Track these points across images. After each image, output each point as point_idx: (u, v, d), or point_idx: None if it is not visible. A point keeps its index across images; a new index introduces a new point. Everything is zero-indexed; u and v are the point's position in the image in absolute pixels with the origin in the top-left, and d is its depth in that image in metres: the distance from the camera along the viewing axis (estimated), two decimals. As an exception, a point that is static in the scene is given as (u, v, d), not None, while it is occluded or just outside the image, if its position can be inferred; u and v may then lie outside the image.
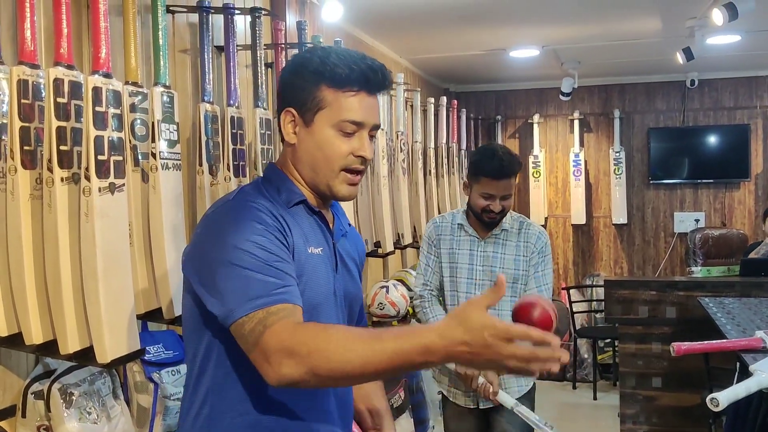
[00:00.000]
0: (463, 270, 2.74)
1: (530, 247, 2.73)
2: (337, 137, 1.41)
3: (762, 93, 6.35)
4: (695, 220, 6.41)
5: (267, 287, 1.25)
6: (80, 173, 1.64)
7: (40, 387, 1.82)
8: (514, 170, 2.66)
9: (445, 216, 2.88)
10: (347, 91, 1.40)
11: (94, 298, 1.62)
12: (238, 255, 1.27)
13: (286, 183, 1.46)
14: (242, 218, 1.32)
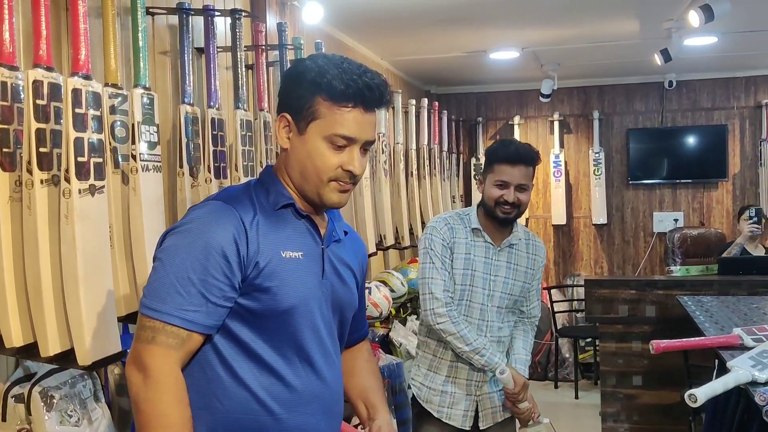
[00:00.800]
0: (479, 280, 2.53)
1: (538, 261, 2.66)
2: (328, 149, 1.44)
3: (739, 94, 6.44)
4: (674, 219, 6.48)
5: (179, 306, 1.33)
6: (60, 175, 1.64)
7: (21, 390, 1.81)
8: (532, 158, 2.51)
9: (454, 217, 2.61)
10: (342, 106, 1.43)
11: (74, 300, 1.62)
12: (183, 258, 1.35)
13: (276, 186, 1.49)
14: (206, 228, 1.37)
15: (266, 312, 1.40)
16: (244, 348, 1.40)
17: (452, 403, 2.56)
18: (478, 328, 2.53)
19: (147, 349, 1.32)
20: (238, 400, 1.40)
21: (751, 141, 6.41)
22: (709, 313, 3.39)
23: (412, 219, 4.90)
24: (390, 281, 4.49)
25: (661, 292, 4.50)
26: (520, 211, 2.54)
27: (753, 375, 2.17)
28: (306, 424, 1.46)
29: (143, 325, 1.34)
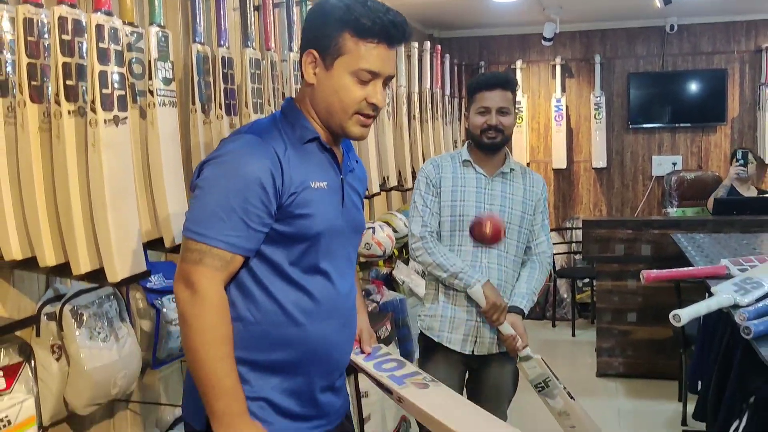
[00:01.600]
0: (470, 208, 2.63)
1: (536, 192, 2.72)
2: (354, 84, 1.54)
3: (739, 38, 6.46)
4: (672, 163, 6.58)
5: (223, 231, 1.45)
6: (86, 106, 1.75)
7: (52, 309, 1.96)
8: (508, 81, 2.64)
9: (444, 156, 2.77)
10: (369, 42, 1.53)
11: (103, 222, 1.75)
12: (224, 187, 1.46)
13: (300, 120, 1.59)
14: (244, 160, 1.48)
15: (297, 236, 1.54)
16: (275, 268, 1.54)
17: (452, 328, 2.65)
18: (473, 255, 2.62)
19: (195, 269, 1.44)
20: (267, 313, 1.54)
21: (750, 85, 6.46)
22: (700, 249, 3.53)
23: (415, 162, 4.99)
24: (393, 222, 4.61)
25: (657, 232, 4.64)
26: (505, 136, 2.64)
27: (735, 299, 2.31)
28: (326, 334, 1.61)
29: (189, 247, 1.46)
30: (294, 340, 1.56)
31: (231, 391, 1.45)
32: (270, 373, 1.56)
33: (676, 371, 4.26)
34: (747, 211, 4.80)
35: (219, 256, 1.45)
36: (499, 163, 2.70)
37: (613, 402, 4.46)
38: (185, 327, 1.46)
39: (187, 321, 1.45)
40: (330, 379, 1.66)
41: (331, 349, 1.63)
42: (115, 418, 2.35)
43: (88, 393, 1.95)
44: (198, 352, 1.44)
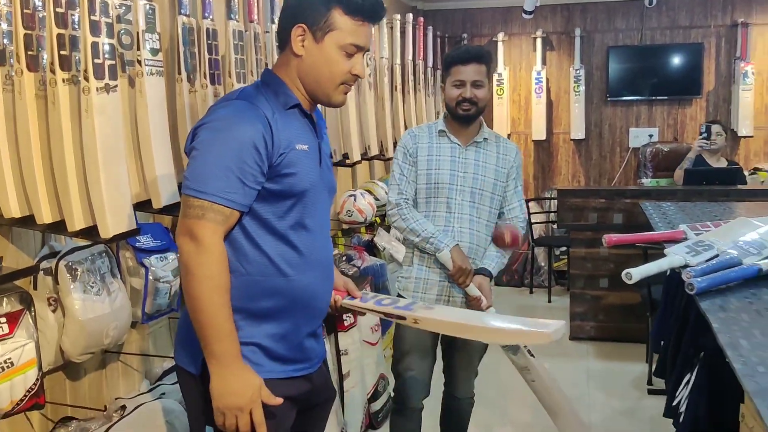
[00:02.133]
0: (445, 175, 2.77)
1: (509, 160, 2.84)
2: (342, 57, 1.71)
3: (716, 12, 6.60)
4: (649, 135, 6.75)
5: (222, 188, 1.59)
6: (79, 75, 1.88)
7: (48, 264, 2.10)
8: (482, 55, 2.77)
9: (422, 126, 2.91)
10: (357, 19, 1.70)
11: (95, 183, 1.89)
12: (220, 149, 1.59)
13: (282, 87, 1.74)
14: (239, 124, 1.61)
15: (285, 193, 1.69)
16: (264, 224, 1.69)
17: (426, 288, 2.81)
18: (446, 220, 2.78)
19: (198, 223, 1.57)
20: (257, 265, 1.70)
21: (726, 59, 6.61)
22: (665, 216, 3.69)
23: (396, 132, 5.13)
24: (374, 190, 4.77)
25: (628, 201, 4.82)
26: (479, 108, 2.77)
27: (686, 259, 2.48)
28: (310, 284, 1.77)
29: (191, 204, 1.58)
30: (282, 289, 1.71)
31: (230, 334, 1.60)
32: (261, 320, 1.72)
33: (644, 334, 4.46)
34: (716, 182, 4.98)
35: (219, 211, 1.59)
36: (474, 133, 2.84)
37: (583, 363, 4.66)
38: (189, 276, 1.58)
39: (192, 270, 1.58)
40: (313, 325, 1.83)
41: (315, 297, 1.80)
42: (107, 369, 2.51)
43: (82, 342, 2.11)
44: (201, 299, 1.57)
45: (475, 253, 2.81)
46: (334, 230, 4.44)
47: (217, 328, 1.58)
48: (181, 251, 1.60)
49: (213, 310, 1.58)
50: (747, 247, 2.49)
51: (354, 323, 3.59)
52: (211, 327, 1.58)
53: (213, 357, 1.60)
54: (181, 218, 1.61)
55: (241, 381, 1.61)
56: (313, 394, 1.87)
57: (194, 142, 1.64)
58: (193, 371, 1.72)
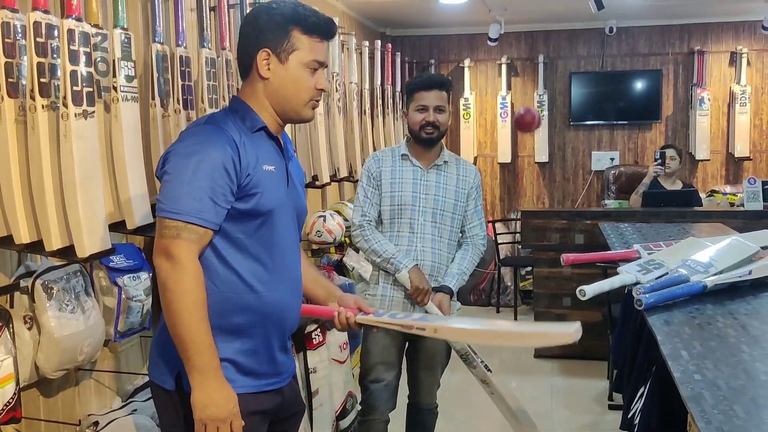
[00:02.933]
0: (407, 198, 2.91)
1: (469, 181, 2.98)
2: (306, 74, 1.82)
3: (674, 41, 6.86)
4: (611, 158, 6.96)
5: (196, 209, 1.67)
6: (58, 102, 1.96)
7: (25, 283, 2.17)
8: (443, 83, 2.94)
9: (386, 150, 3.05)
10: (314, 37, 1.82)
11: (73, 204, 1.97)
12: (192, 172, 1.67)
13: (249, 112, 1.83)
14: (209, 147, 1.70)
15: (253, 212, 1.77)
16: (233, 242, 1.77)
17: (390, 306, 2.92)
18: (409, 240, 2.92)
19: (174, 243, 1.65)
20: (228, 282, 1.77)
21: (684, 85, 6.87)
22: (622, 236, 3.85)
23: (365, 154, 5.23)
24: (343, 211, 4.86)
25: (589, 222, 4.97)
26: (441, 132, 2.93)
27: (637, 277, 2.62)
28: (280, 300, 1.85)
29: (166, 225, 1.66)
30: (253, 305, 1.80)
31: (209, 347, 1.67)
32: (232, 336, 1.79)
33: (606, 352, 4.58)
34: (673, 204, 5.17)
35: (194, 231, 1.67)
36: (435, 156, 2.99)
37: (548, 380, 4.78)
38: (168, 293, 1.65)
39: (170, 288, 1.64)
40: (283, 340, 1.91)
41: (285, 312, 1.88)
42: (80, 386, 2.56)
43: (57, 358, 2.17)
44: (180, 315, 1.64)
45: (437, 272, 2.94)
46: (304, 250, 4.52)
47: (198, 342, 1.65)
48: (158, 270, 1.67)
49: (192, 325, 1.64)
50: (695, 265, 2.63)
51: (323, 341, 3.67)
52: (192, 341, 1.64)
53: (194, 370, 1.66)
54: (157, 239, 1.69)
55: (222, 393, 1.68)
56: (283, 407, 1.94)
57: (166, 166, 1.71)
58: (167, 387, 1.78)
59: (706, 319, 2.21)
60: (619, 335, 3.58)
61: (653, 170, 5.29)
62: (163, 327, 1.78)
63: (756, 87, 6.73)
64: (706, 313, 2.28)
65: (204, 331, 1.66)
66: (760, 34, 6.57)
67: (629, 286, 2.63)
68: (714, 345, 1.97)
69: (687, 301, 2.41)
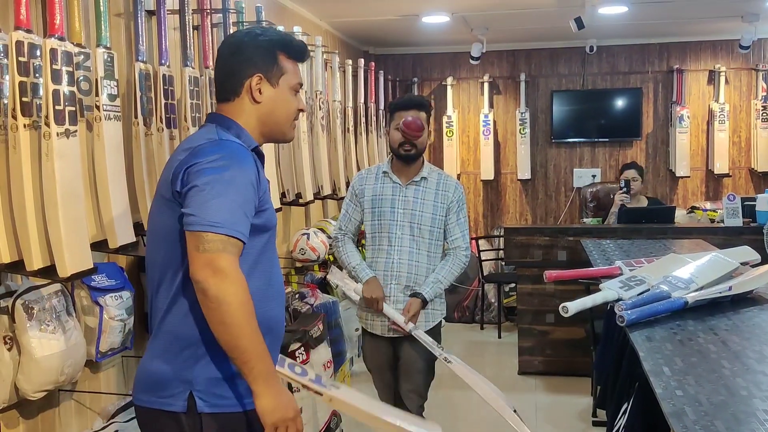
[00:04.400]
0: (386, 213, 3.09)
1: (448, 196, 3.11)
2: (292, 96, 1.91)
3: (653, 59, 6.95)
4: (592, 175, 7.02)
5: (234, 222, 1.67)
6: (40, 121, 1.96)
7: (5, 304, 2.14)
8: (422, 103, 3.13)
9: (371, 168, 3.25)
10: (296, 61, 1.92)
11: (54, 223, 1.96)
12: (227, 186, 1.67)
13: (243, 132, 1.86)
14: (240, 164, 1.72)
15: (264, 227, 1.80)
16: (246, 258, 1.75)
17: (373, 316, 3.15)
18: (388, 253, 3.09)
19: (221, 256, 1.63)
20: None
21: (663, 103, 6.95)
22: (604, 253, 3.88)
23: (349, 172, 5.26)
24: (327, 228, 4.86)
25: (571, 239, 5.00)
26: (418, 150, 3.08)
27: (619, 293, 2.64)
28: (276, 313, 1.87)
29: (208, 239, 1.63)
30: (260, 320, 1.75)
31: (267, 354, 1.68)
32: None
33: (590, 368, 4.60)
34: (654, 220, 5.21)
35: (235, 244, 1.67)
36: (415, 173, 3.13)
37: (532, 397, 4.78)
38: (224, 306, 1.62)
39: (226, 300, 1.62)
40: (277, 351, 1.92)
41: (280, 325, 1.90)
42: (60, 408, 2.53)
43: (38, 379, 2.15)
44: (241, 326, 1.63)
45: (414, 282, 3.10)
46: (288, 268, 4.52)
47: (258, 350, 1.65)
48: (206, 285, 1.62)
49: (253, 334, 1.65)
50: (676, 282, 2.66)
51: (306, 360, 3.66)
52: (254, 350, 1.64)
53: (259, 377, 1.65)
54: (198, 254, 1.64)
55: (285, 394, 1.70)
56: None
57: (196, 180, 1.68)
58: (175, 409, 1.74)
59: (687, 335, 2.23)
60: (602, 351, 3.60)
61: (619, 199, 5.30)
62: (166, 348, 1.76)
63: (734, 105, 6.82)
64: (687, 329, 2.30)
65: (261, 339, 1.67)
66: (737, 53, 6.67)
67: (611, 302, 2.65)
68: (695, 361, 1.98)
69: (668, 317, 2.43)
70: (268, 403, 1.67)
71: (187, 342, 1.74)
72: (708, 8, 5.55)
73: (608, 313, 3.37)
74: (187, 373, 1.73)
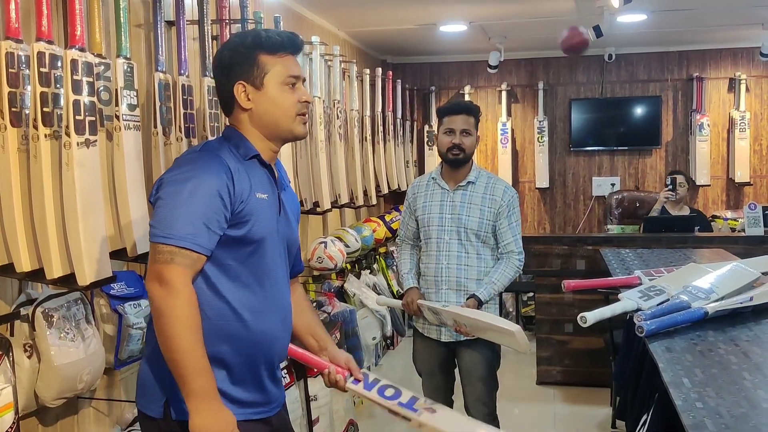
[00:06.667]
0: (435, 219, 3.16)
1: (496, 200, 3.13)
2: (286, 91, 1.84)
3: (672, 67, 6.91)
4: (611, 184, 6.97)
5: (190, 234, 1.67)
6: (61, 131, 1.98)
7: (25, 311, 2.17)
8: (470, 108, 3.18)
9: (423, 177, 3.34)
10: (281, 54, 1.84)
11: (74, 232, 1.98)
12: (186, 197, 1.67)
13: (243, 141, 1.85)
14: (203, 172, 1.71)
15: (245, 239, 1.78)
16: (224, 269, 1.77)
17: (428, 320, 3.16)
18: (437, 258, 3.15)
19: (168, 267, 1.64)
20: (217, 310, 1.77)
21: (683, 111, 6.90)
22: (623, 262, 3.84)
23: (366, 181, 5.26)
24: (345, 237, 4.87)
25: (590, 248, 4.97)
26: (467, 154, 3.14)
27: (638, 303, 2.62)
28: (269, 329, 1.85)
29: (160, 250, 1.65)
30: (241, 334, 1.79)
31: (206, 371, 1.67)
32: (220, 364, 1.78)
33: (609, 378, 4.55)
34: (674, 229, 5.17)
35: (187, 256, 1.67)
36: (462, 177, 3.17)
37: (550, 408, 4.74)
38: (163, 318, 1.64)
39: (165, 313, 1.64)
40: (272, 368, 1.90)
41: (274, 341, 1.87)
42: (79, 415, 2.55)
43: (57, 387, 2.17)
44: (176, 340, 1.63)
45: (464, 286, 3.13)
46: (305, 276, 4.53)
47: (194, 366, 1.64)
48: (151, 296, 1.66)
49: (188, 349, 1.64)
50: (696, 291, 2.63)
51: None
52: (188, 365, 1.64)
53: (192, 394, 1.65)
54: (151, 264, 1.68)
55: (221, 416, 1.67)
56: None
57: (160, 192, 1.72)
58: (153, 415, 1.77)
59: (707, 346, 2.20)
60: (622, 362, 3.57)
61: (664, 196, 5.31)
62: (150, 354, 1.79)
63: (755, 113, 6.75)
64: (707, 340, 2.27)
65: (201, 355, 1.66)
66: (758, 61, 6.62)
67: (631, 312, 2.62)
68: (716, 372, 1.96)
69: (688, 327, 2.40)
70: (201, 422, 1.65)
71: None
72: (728, 16, 5.51)
73: (627, 323, 3.35)
74: (166, 380, 1.73)
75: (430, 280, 3.18)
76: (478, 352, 3.14)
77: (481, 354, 3.15)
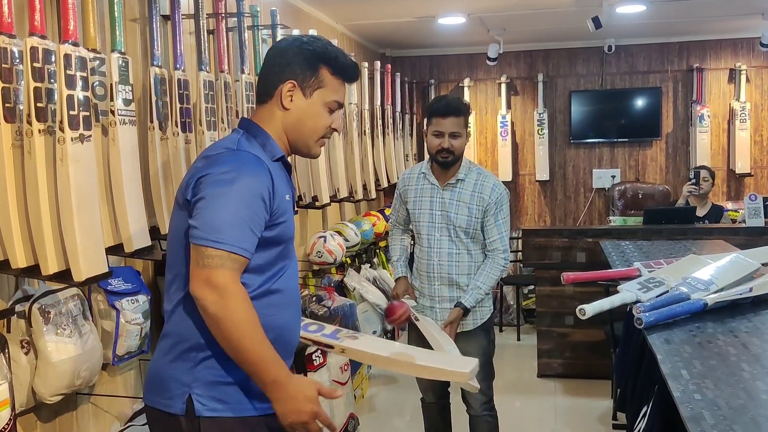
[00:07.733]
0: (425, 215, 3.15)
1: (484, 198, 3.09)
2: (325, 112, 1.85)
3: (672, 58, 6.88)
4: (612, 176, 6.96)
5: (238, 238, 1.66)
6: (55, 126, 1.97)
7: (22, 308, 2.16)
8: (460, 109, 3.08)
9: (414, 168, 3.30)
10: (339, 78, 1.86)
11: (69, 228, 1.97)
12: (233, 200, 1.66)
13: (269, 140, 1.84)
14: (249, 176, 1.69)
15: (277, 240, 1.78)
16: (253, 268, 1.74)
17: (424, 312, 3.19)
18: (428, 254, 3.14)
19: (219, 272, 1.62)
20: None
21: (683, 102, 6.87)
22: (623, 254, 3.84)
23: (365, 175, 5.25)
24: (344, 231, 4.87)
25: (590, 240, 4.96)
26: (456, 156, 3.07)
27: (637, 295, 2.61)
28: (288, 321, 1.85)
29: (209, 254, 1.62)
30: (267, 328, 1.75)
31: (276, 359, 1.67)
32: None
33: (609, 371, 4.54)
34: (675, 220, 5.15)
35: (237, 260, 1.65)
36: (452, 175, 3.14)
37: (551, 400, 4.74)
38: (223, 324, 1.62)
39: (225, 317, 1.62)
40: (290, 360, 1.90)
41: (292, 333, 1.89)
42: (78, 411, 2.55)
43: (54, 383, 2.16)
44: (243, 341, 1.63)
45: (456, 282, 3.12)
46: (305, 271, 4.52)
47: (266, 360, 1.65)
48: (204, 303, 1.63)
49: (256, 347, 1.64)
50: (695, 283, 2.62)
51: (323, 363, 3.66)
52: (260, 362, 1.64)
53: (268, 385, 1.66)
54: (198, 269, 1.64)
55: (298, 397, 1.67)
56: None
57: (203, 191, 1.68)
58: (174, 411, 1.74)
59: (706, 338, 2.19)
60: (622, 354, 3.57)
61: (687, 189, 5.27)
62: (168, 349, 1.77)
63: (755, 103, 6.73)
64: (706, 332, 2.26)
65: (267, 347, 1.66)
66: (758, 51, 6.59)
67: (630, 304, 2.61)
68: (714, 364, 1.95)
69: (687, 319, 2.40)
70: (282, 408, 1.67)
71: (189, 344, 1.74)
72: (727, 6, 5.48)
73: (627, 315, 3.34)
74: (188, 376, 1.72)
75: (423, 275, 3.19)
76: (472, 341, 3.13)
77: (476, 342, 3.14)
